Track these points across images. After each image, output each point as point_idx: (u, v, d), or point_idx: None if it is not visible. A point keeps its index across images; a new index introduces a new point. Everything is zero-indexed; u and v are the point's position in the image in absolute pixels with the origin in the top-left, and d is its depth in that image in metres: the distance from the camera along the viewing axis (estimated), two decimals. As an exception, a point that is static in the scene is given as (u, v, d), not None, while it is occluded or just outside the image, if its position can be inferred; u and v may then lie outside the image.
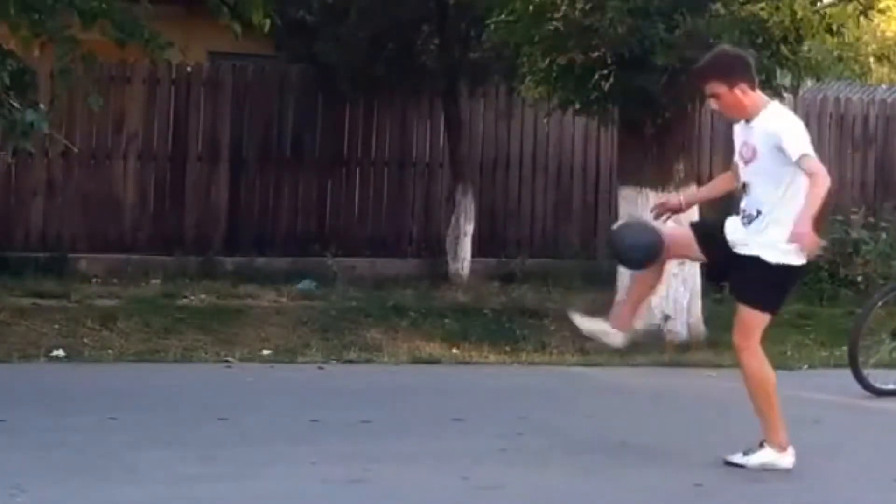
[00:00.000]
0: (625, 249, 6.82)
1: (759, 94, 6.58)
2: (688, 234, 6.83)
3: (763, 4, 10.74)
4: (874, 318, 9.37)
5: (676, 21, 10.51)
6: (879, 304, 9.35)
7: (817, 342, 11.64)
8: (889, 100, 16.34)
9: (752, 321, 6.54)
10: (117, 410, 7.40)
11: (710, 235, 6.74)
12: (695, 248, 6.76)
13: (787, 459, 6.55)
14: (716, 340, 11.26)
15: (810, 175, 6.33)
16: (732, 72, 6.50)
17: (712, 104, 6.69)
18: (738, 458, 6.58)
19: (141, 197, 13.29)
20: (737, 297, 6.67)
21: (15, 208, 12.92)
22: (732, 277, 6.78)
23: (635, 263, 6.85)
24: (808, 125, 16.81)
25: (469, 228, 13.32)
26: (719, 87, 6.49)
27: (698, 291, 11.34)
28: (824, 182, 6.31)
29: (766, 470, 6.47)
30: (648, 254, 6.67)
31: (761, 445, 6.57)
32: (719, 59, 6.66)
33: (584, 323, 6.86)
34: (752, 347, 6.56)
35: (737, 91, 6.46)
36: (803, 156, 6.34)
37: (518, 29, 11.00)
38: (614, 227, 7.31)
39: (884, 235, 13.89)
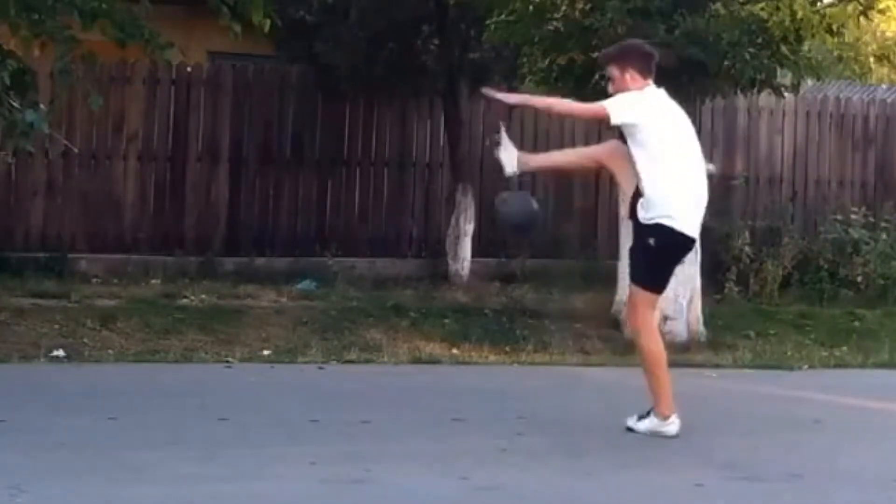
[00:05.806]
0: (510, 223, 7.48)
1: (646, 83, 7.08)
2: None
3: (763, 4, 10.75)
4: None
5: (676, 21, 10.52)
6: None
7: (817, 342, 11.65)
8: (889, 100, 16.33)
9: (635, 298, 7.09)
10: (117, 410, 7.39)
11: None
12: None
13: (670, 427, 7.01)
14: (716, 340, 11.27)
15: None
16: (625, 58, 7.15)
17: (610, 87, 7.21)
18: (631, 422, 7.11)
19: (141, 197, 13.29)
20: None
21: (15, 208, 12.92)
22: None
23: (522, 233, 7.45)
24: (808, 125, 16.64)
25: (469, 228, 13.32)
26: (614, 71, 7.11)
27: (698, 292, 11.35)
28: (564, 105, 7.43)
29: (655, 435, 6.97)
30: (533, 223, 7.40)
31: (648, 413, 7.06)
32: (621, 47, 7.38)
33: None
34: (638, 324, 7.06)
35: (626, 76, 7.07)
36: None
37: (518, 29, 11.01)
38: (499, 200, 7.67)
39: (884, 235, 13.89)
